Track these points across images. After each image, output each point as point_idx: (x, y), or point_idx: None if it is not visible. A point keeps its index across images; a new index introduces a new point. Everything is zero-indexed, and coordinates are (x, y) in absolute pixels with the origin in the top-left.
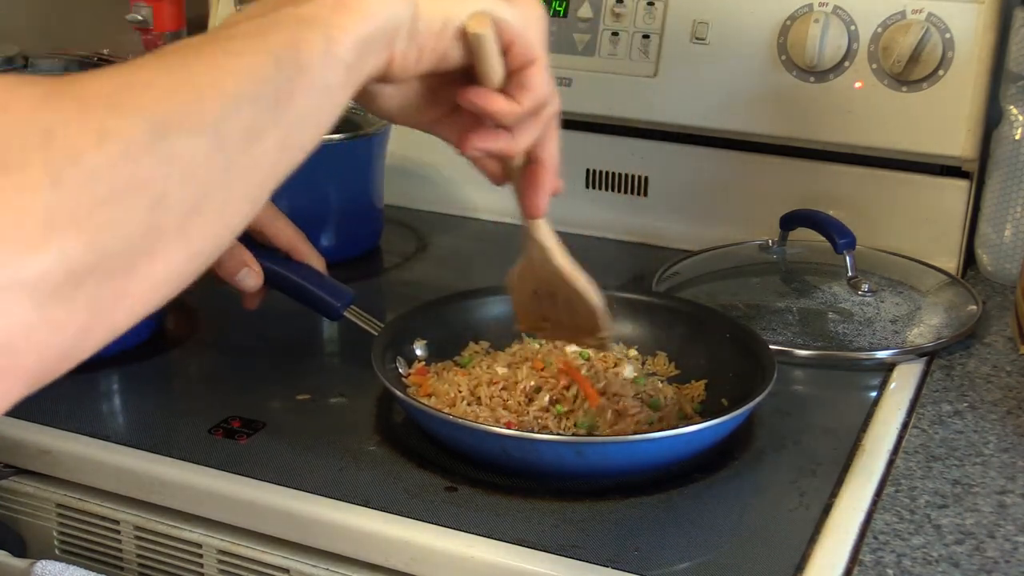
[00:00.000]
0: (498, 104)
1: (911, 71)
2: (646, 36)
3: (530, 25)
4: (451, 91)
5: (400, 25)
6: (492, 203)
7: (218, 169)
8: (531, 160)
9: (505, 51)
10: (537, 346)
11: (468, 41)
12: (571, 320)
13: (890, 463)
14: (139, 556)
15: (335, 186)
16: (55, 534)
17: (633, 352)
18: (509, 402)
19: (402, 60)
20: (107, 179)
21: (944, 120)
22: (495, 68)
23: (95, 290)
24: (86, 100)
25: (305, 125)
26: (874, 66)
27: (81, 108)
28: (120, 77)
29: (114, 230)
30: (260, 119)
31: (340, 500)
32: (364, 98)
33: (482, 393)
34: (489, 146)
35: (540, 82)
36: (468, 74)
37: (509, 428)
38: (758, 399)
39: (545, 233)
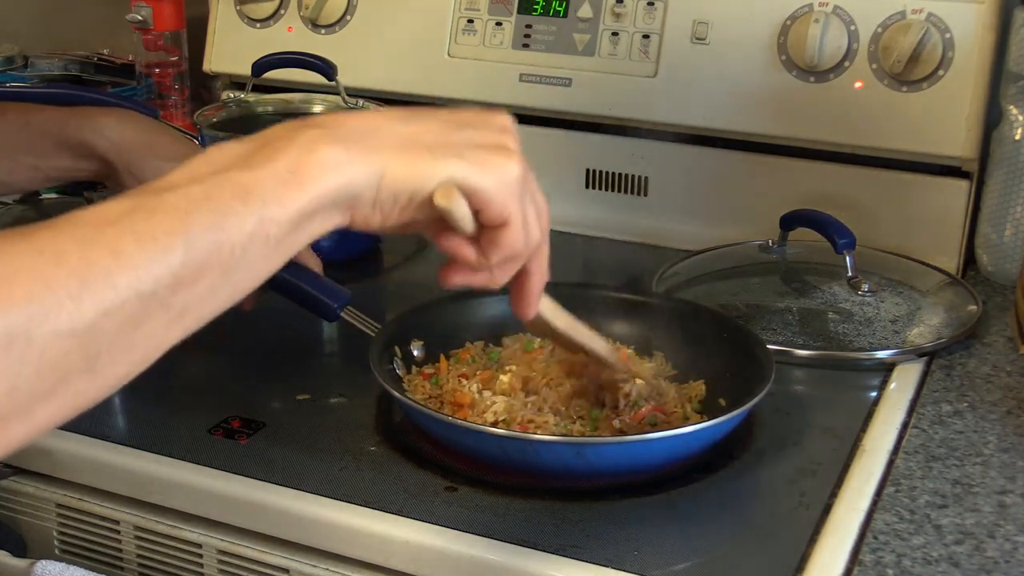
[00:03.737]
0: (468, 255)
1: (911, 71)
2: (646, 36)
3: (502, 189)
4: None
5: (359, 193)
6: None
7: (84, 359)
8: (521, 271)
9: (475, 213)
10: (537, 342)
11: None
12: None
13: (890, 463)
14: (139, 556)
15: None
16: (55, 534)
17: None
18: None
19: (364, 221)
20: None
21: (944, 120)
22: (466, 227)
23: None
24: None
25: (209, 300)
26: (874, 66)
27: None
28: (5, 263)
29: None
30: (149, 308)
31: (340, 500)
32: None
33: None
34: (467, 283)
35: (511, 241)
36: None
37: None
38: (757, 399)
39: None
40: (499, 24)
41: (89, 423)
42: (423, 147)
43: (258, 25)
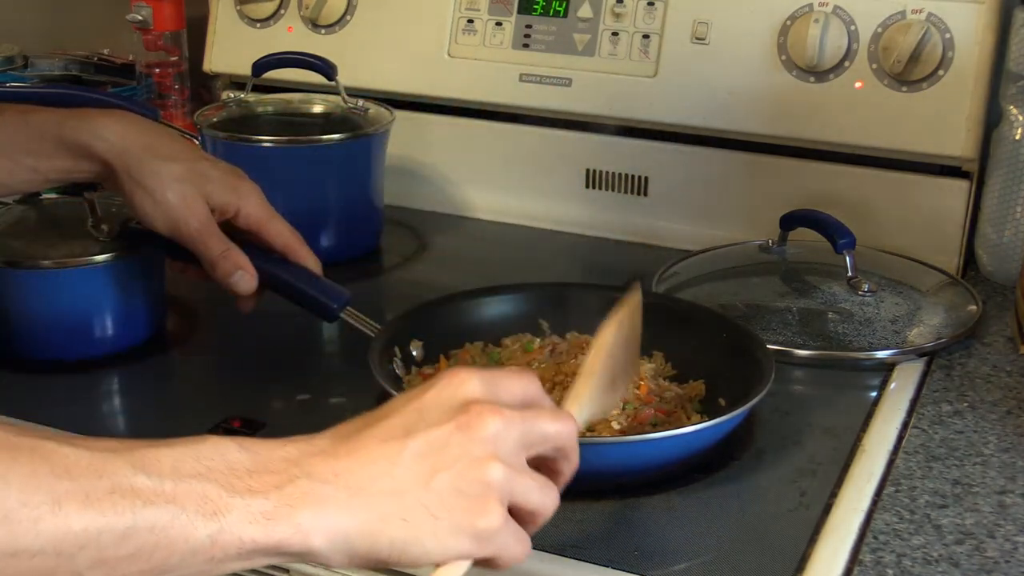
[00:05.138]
0: None
1: (911, 71)
2: (646, 36)
3: (490, 542)
4: None
5: (327, 558)
6: (492, 203)
7: None
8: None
9: None
10: (537, 342)
11: None
12: None
13: (890, 463)
14: None
15: (335, 186)
16: None
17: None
18: None
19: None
20: None
21: (944, 120)
22: None
23: None
24: None
25: None
26: (874, 66)
27: None
28: None
29: None
30: (59, 571)
31: None
32: None
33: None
34: None
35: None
36: None
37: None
38: (757, 398)
39: None
40: (499, 24)
41: (89, 423)
42: (423, 527)
43: (258, 25)
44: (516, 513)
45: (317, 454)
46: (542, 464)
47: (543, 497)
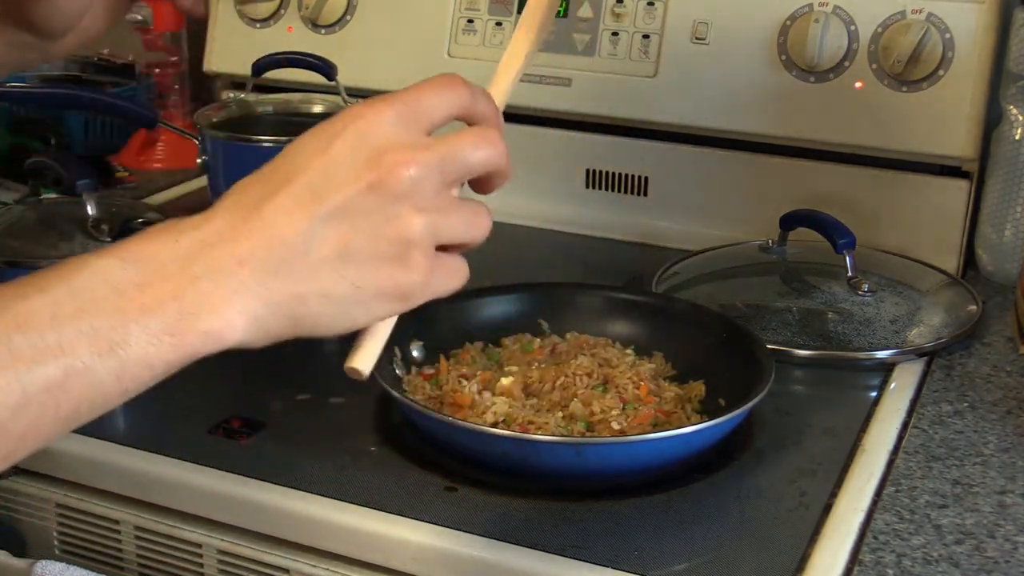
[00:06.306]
0: None
1: (911, 71)
2: (646, 36)
3: (411, 292)
4: None
5: (246, 343)
6: (492, 203)
7: None
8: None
9: None
10: (537, 342)
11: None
12: None
13: (890, 463)
14: (139, 556)
15: None
16: (55, 534)
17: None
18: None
19: None
20: None
21: (944, 120)
22: None
23: None
24: None
25: (32, 440)
26: (874, 66)
27: None
28: None
29: None
30: None
31: (340, 500)
32: None
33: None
34: None
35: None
36: None
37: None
38: (757, 398)
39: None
40: (499, 24)
41: (89, 423)
42: (345, 299)
43: (258, 25)
44: (447, 248)
45: (216, 243)
46: (475, 180)
47: (472, 229)
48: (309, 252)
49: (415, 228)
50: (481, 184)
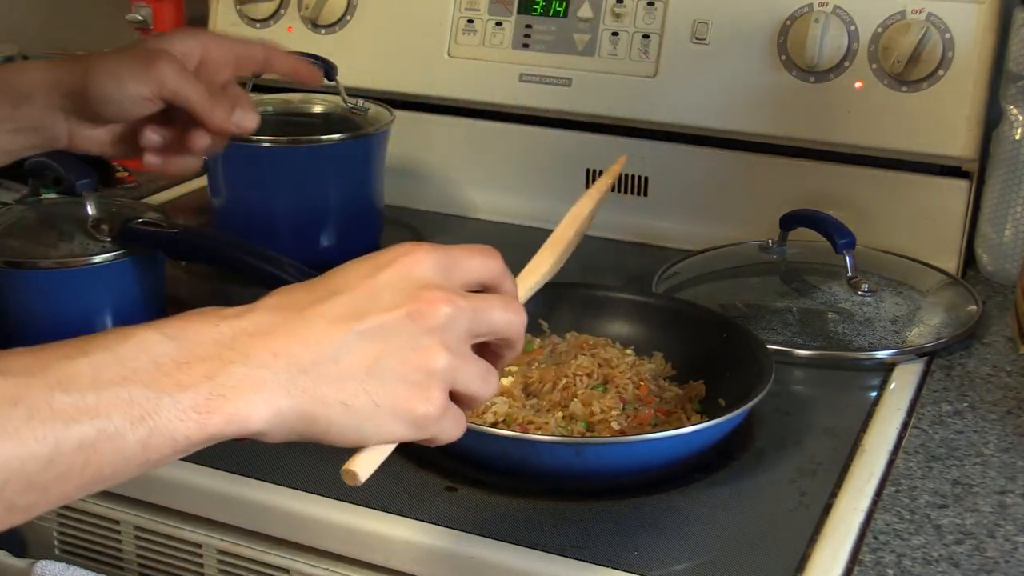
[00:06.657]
0: None
1: (911, 71)
2: (646, 36)
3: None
4: None
5: (266, 434)
6: (492, 203)
7: None
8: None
9: None
10: (537, 342)
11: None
12: None
13: (890, 463)
14: (139, 556)
15: (335, 186)
16: (55, 534)
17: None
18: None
19: None
20: None
21: (944, 120)
22: None
23: None
24: None
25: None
26: (874, 66)
27: None
28: None
29: None
30: None
31: (340, 500)
32: None
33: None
34: None
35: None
36: None
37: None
38: (757, 399)
39: None
40: (499, 24)
41: None
42: (363, 412)
43: (258, 25)
44: (456, 397)
45: (254, 334)
46: (486, 348)
47: (484, 384)
48: (340, 360)
49: (440, 362)
50: (490, 354)
